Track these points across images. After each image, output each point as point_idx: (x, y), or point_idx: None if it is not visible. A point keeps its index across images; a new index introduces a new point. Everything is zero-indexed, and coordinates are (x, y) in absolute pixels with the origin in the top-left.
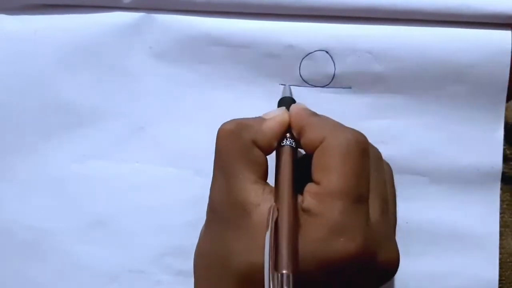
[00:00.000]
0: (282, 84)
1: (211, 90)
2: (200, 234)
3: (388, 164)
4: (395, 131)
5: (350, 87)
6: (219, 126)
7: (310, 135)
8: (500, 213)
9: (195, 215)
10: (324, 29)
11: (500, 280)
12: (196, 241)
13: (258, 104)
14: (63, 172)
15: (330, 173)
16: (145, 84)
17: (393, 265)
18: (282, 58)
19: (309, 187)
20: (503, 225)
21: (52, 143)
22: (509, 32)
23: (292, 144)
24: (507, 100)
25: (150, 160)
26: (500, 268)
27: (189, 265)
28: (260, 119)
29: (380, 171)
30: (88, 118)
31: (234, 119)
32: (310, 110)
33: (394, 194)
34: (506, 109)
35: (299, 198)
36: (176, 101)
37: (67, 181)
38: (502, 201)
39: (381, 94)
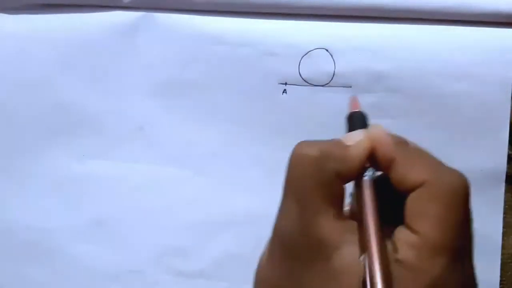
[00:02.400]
0: (281, 83)
1: (211, 89)
2: (262, 257)
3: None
4: (396, 131)
5: (350, 86)
6: (218, 126)
7: (405, 173)
8: (503, 214)
9: (195, 215)
10: (324, 27)
11: (501, 280)
12: (196, 241)
13: (258, 103)
14: (63, 172)
15: (432, 223)
16: (145, 84)
17: None
18: (282, 57)
19: (405, 236)
20: (505, 225)
21: (52, 143)
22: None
23: (374, 175)
24: None
25: (150, 160)
26: (501, 268)
27: (189, 265)
28: (342, 145)
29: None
30: (88, 118)
31: (313, 142)
32: (395, 136)
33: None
34: (511, 110)
35: (388, 244)
36: (176, 101)
37: (67, 181)
38: (504, 201)
39: (381, 93)
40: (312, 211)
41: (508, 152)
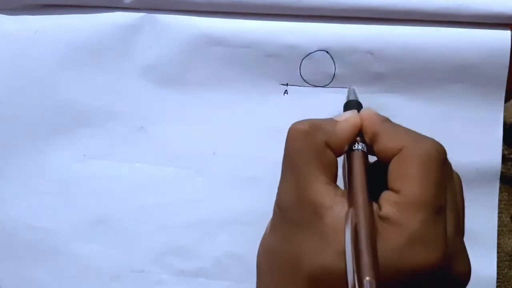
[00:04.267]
0: (282, 84)
1: (211, 90)
2: (266, 229)
3: (457, 174)
4: None
5: (350, 87)
6: (218, 126)
7: (387, 143)
8: (498, 213)
9: (196, 214)
10: (324, 29)
11: (497, 278)
12: (196, 240)
13: (259, 104)
14: (64, 172)
15: (411, 182)
16: (145, 84)
17: (466, 278)
18: (283, 58)
19: (387, 195)
20: (500, 224)
21: (52, 143)
22: (508, 32)
23: (363, 148)
24: (506, 100)
25: (150, 160)
26: (497, 266)
27: (190, 264)
28: (332, 121)
29: (452, 183)
30: (88, 118)
31: (306, 119)
32: (382, 116)
33: (463, 206)
34: (504, 110)
35: (374, 205)
36: (176, 101)
37: (68, 181)
38: (499, 200)
39: (381, 94)
40: (306, 178)
41: (502, 151)
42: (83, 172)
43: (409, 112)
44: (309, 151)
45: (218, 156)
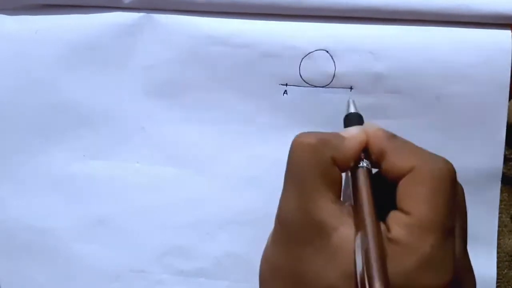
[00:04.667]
0: (281, 84)
1: (211, 90)
2: (268, 241)
3: (461, 185)
4: (395, 131)
5: (350, 87)
6: (218, 126)
7: (395, 161)
8: (498, 213)
9: (196, 215)
10: (324, 28)
11: (497, 278)
12: (196, 240)
13: (259, 104)
14: (64, 172)
15: (422, 204)
16: (145, 84)
17: None
18: (282, 58)
19: (396, 216)
20: (500, 224)
21: (52, 143)
22: (508, 32)
23: (368, 166)
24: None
25: (150, 160)
26: (497, 266)
27: (189, 264)
28: (339, 136)
29: (460, 199)
30: (88, 118)
31: (312, 132)
32: (387, 131)
33: (466, 216)
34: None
35: (382, 225)
36: (176, 101)
37: (68, 181)
38: (500, 201)
39: (381, 94)
40: (311, 195)
41: (504, 153)
42: (83, 172)
43: (410, 113)
44: (316, 167)
45: (218, 156)
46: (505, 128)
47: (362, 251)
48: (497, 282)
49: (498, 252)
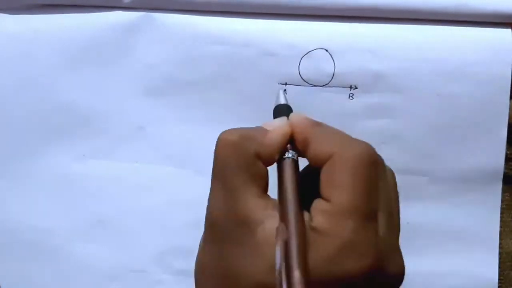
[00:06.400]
0: (281, 84)
1: (211, 89)
2: (200, 246)
3: (391, 170)
4: (395, 131)
5: (349, 86)
6: (218, 126)
7: (317, 149)
8: (500, 213)
9: (195, 214)
10: (324, 27)
11: (499, 279)
12: (196, 240)
13: (258, 103)
14: (64, 172)
15: (340, 190)
16: (145, 84)
17: (399, 278)
18: (282, 57)
19: (318, 204)
20: (502, 225)
21: (52, 143)
22: (509, 30)
23: (294, 156)
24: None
25: (150, 160)
26: (499, 267)
27: (190, 264)
28: (262, 130)
29: (385, 181)
30: (88, 118)
31: (235, 129)
32: (312, 120)
33: (397, 202)
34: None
35: (306, 215)
36: (176, 101)
37: (68, 181)
38: (501, 201)
39: (381, 93)
40: (235, 191)
41: (506, 152)
42: (83, 173)
43: (410, 112)
44: (239, 163)
45: None
46: (506, 127)
47: (282, 242)
48: (498, 283)
49: (500, 253)
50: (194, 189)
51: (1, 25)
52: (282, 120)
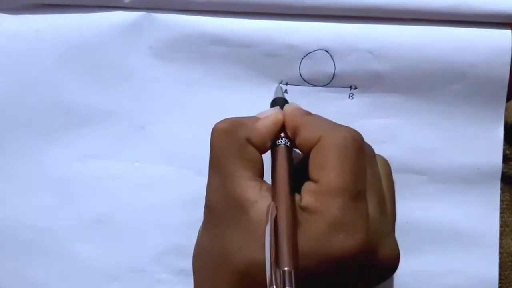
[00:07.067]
0: (282, 84)
1: (211, 89)
2: (198, 233)
3: (386, 160)
4: (395, 131)
5: (350, 86)
6: None
7: (306, 134)
8: (500, 213)
9: (195, 214)
10: (324, 28)
11: (499, 279)
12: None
13: (258, 103)
14: (64, 172)
15: (327, 171)
16: (145, 83)
17: (394, 262)
18: (282, 58)
19: (307, 186)
20: (503, 224)
21: (52, 142)
22: (508, 31)
23: (287, 143)
24: (507, 100)
25: (150, 160)
26: (500, 267)
27: (190, 264)
28: (254, 118)
29: (374, 169)
30: (88, 118)
31: (228, 118)
32: (303, 110)
33: (392, 191)
34: (506, 109)
35: (297, 197)
36: (176, 101)
37: (68, 181)
38: (501, 201)
39: (381, 94)
40: (229, 175)
41: (504, 151)
42: (83, 172)
43: (409, 112)
44: (231, 148)
45: None
46: (503, 126)
47: (271, 219)
48: (499, 283)
49: (500, 253)
50: (194, 189)
51: (1, 25)
52: (274, 110)
